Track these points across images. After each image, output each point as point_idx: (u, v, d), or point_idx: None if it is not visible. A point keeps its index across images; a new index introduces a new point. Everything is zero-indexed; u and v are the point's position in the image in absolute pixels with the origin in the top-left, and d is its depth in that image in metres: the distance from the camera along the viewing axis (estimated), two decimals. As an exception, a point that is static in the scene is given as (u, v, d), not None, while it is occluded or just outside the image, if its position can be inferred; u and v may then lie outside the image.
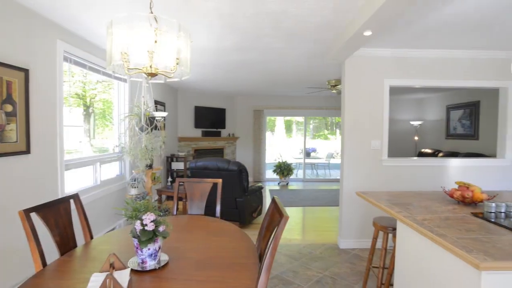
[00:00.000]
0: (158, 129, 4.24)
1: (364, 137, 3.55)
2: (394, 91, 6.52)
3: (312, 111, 8.47)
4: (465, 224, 1.56)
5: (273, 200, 1.69)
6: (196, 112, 7.47)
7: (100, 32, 3.05)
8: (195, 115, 7.46)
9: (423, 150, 6.95)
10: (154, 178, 4.55)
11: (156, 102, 5.40)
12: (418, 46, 3.38)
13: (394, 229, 2.15)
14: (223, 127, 8.07)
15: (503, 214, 1.74)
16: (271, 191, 7.12)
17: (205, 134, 7.60)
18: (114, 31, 1.41)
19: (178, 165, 6.23)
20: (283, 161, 8.23)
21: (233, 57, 3.97)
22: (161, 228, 1.39)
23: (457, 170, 3.63)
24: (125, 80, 4.16)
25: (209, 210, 2.61)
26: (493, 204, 1.73)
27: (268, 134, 12.42)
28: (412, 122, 7.68)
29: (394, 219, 2.05)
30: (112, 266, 1.22)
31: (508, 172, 3.65)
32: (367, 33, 2.61)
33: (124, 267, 1.26)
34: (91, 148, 3.80)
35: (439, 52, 3.51)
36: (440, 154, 6.04)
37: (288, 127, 14.74)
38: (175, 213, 2.54)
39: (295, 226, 4.46)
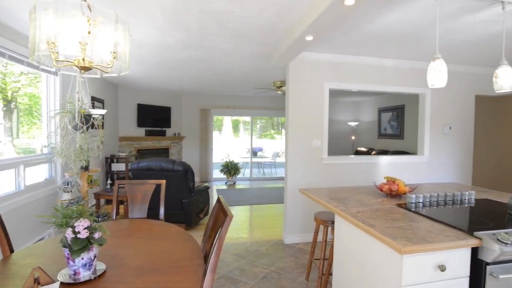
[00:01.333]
0: (96, 128, 3.91)
1: (306, 137, 3.74)
2: (334, 93, 7.00)
3: (258, 111, 8.63)
4: (391, 214, 1.75)
5: (218, 200, 1.68)
6: (139, 110, 7.06)
7: (23, 17, 2.69)
8: (138, 113, 7.04)
9: (359, 148, 7.59)
10: (91, 181, 4.18)
11: (94, 99, 4.97)
12: (353, 53, 3.67)
13: (333, 222, 2.31)
14: (169, 126, 7.78)
15: (421, 204, 1.99)
16: (218, 191, 7.08)
17: (149, 133, 7.23)
18: (38, 16, 1.26)
19: (118, 167, 5.81)
20: (230, 160, 8.25)
21: (179, 54, 3.85)
22: (96, 235, 1.28)
23: (387, 166, 4.04)
24: (55, 73, 3.74)
25: (153, 213, 2.49)
26: (414, 196, 1.98)
27: (215, 134, 12.31)
28: (349, 123, 8.34)
29: (333, 213, 2.20)
30: (37, 282, 1.10)
31: (426, 167, 4.19)
32: (309, 38, 2.76)
33: (52, 281, 1.14)
34: (14, 149, 3.34)
35: (371, 60, 3.87)
36: (373, 152, 6.66)
37: (236, 127, 14.82)
38: (114, 217, 2.37)
39: (242, 225, 4.51)
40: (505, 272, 1.42)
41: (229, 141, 13.92)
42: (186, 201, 4.03)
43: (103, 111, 4.08)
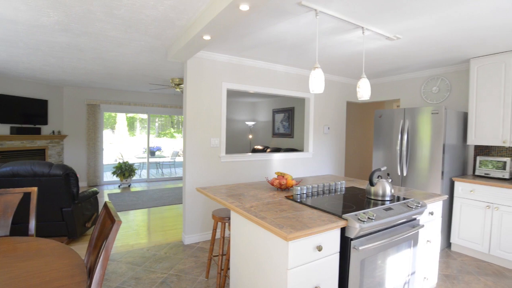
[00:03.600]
0: None
1: (204, 136, 3.75)
2: (233, 94, 7.26)
3: (156, 108, 8.17)
4: (280, 206, 1.94)
5: (105, 205, 1.53)
6: (2, 102, 5.68)
7: None
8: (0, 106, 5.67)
9: (256, 146, 8.09)
10: None
11: None
12: (250, 56, 3.89)
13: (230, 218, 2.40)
14: (45, 123, 6.54)
15: (305, 194, 2.27)
16: (110, 195, 6.38)
17: (17, 131, 5.89)
18: None
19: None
20: (125, 161, 7.55)
21: (58, 39, 3.28)
22: None
23: (279, 163, 4.44)
24: None
25: (19, 229, 2.05)
26: (299, 188, 2.24)
27: (107, 132, 11.02)
28: (247, 122, 8.78)
29: (230, 209, 2.28)
30: None
31: (311, 162, 4.80)
32: (206, 37, 2.77)
33: None
34: None
35: (265, 64, 4.18)
36: (268, 150, 7.21)
37: (132, 125, 13.60)
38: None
39: (139, 230, 4.20)
40: (363, 244, 1.77)
41: (124, 141, 12.69)
42: (67, 210, 3.49)
43: None
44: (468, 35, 2.89)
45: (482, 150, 3.88)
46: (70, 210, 3.50)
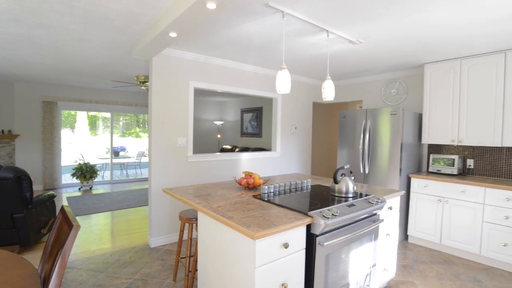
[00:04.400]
0: None
1: (171, 135, 3.67)
2: (201, 93, 7.16)
3: (121, 107, 7.82)
4: (248, 205, 1.95)
5: (62, 209, 1.44)
6: None
7: None
8: None
9: (224, 146, 8.05)
10: None
11: None
12: (218, 56, 3.86)
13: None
14: (-9, 121, 6.00)
15: (272, 193, 2.31)
16: (69, 198, 6.00)
17: (-44, 130, 5.35)
18: None
19: None
20: (86, 162, 7.15)
21: (8, 29, 3.02)
22: None
23: (248, 162, 4.46)
24: None
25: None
26: (266, 187, 2.27)
27: (66, 132, 10.39)
28: (215, 122, 8.71)
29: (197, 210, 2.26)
30: None
31: (278, 161, 4.87)
32: (173, 34, 2.71)
33: None
34: None
35: (234, 64, 4.17)
36: (237, 149, 7.21)
37: (93, 124, 12.88)
38: None
39: (102, 234, 4.00)
40: (328, 239, 1.83)
41: (85, 141, 11.98)
42: (19, 216, 3.23)
43: None
44: (422, 42, 3.11)
45: (434, 149, 4.20)
46: (23, 216, 3.24)
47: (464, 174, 3.86)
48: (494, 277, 2.96)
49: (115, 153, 9.67)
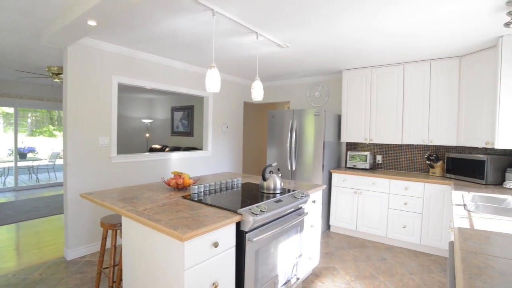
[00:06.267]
0: None
1: (91, 134, 3.33)
2: (126, 89, 6.66)
3: (28, 101, 6.76)
4: (177, 207, 1.90)
5: None
6: None
7: None
8: None
9: (153, 146, 7.65)
10: None
11: None
12: (146, 50, 3.64)
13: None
14: None
15: (202, 193, 2.29)
16: (-45, 211, 4.95)
17: None
18: None
19: None
20: (-20, 167, 5.99)
21: None
22: None
23: (178, 162, 4.32)
24: None
25: None
26: (196, 187, 2.24)
27: (-52, 130, 8.62)
28: (143, 120, 8.20)
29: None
30: None
31: (209, 160, 4.85)
32: (92, 22, 2.46)
33: None
34: None
35: (163, 60, 3.99)
36: (167, 149, 6.93)
37: (-10, 120, 10.83)
38: None
39: (3, 251, 3.41)
40: (257, 235, 1.90)
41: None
42: None
43: None
44: (340, 52, 3.45)
45: (351, 146, 4.70)
46: None
47: (374, 168, 4.42)
48: (396, 255, 3.47)
49: (21, 155, 8.35)
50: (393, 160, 4.31)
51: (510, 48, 2.72)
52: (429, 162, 3.79)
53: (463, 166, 3.40)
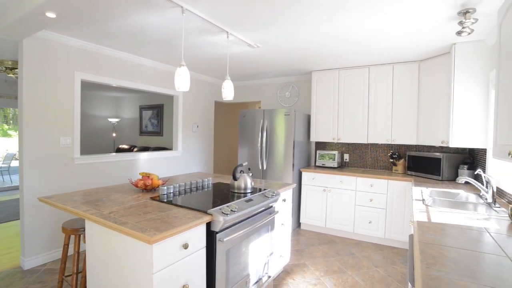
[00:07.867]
0: None
1: (51, 134, 3.13)
2: (91, 86, 6.32)
3: (-24, 98, 6.20)
4: (145, 208, 1.85)
5: None
6: None
7: None
8: None
9: (120, 146, 7.34)
10: None
11: None
12: (112, 46, 3.48)
13: (86, 228, 2.10)
14: None
15: (172, 194, 2.24)
16: None
17: None
18: None
19: None
20: None
21: None
22: None
23: (147, 162, 4.19)
24: None
25: None
26: (165, 188, 2.19)
27: None
28: (110, 119, 7.84)
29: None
30: None
31: (179, 160, 4.75)
32: (51, 14, 2.32)
33: None
34: None
35: (131, 57, 3.84)
36: (135, 149, 6.68)
37: None
38: None
39: None
40: (228, 235, 1.90)
41: None
42: None
43: None
44: (308, 53, 3.54)
45: (320, 146, 4.84)
46: None
47: (342, 166, 4.58)
48: (363, 249, 3.63)
49: (-31, 156, 7.64)
50: (359, 158, 4.50)
51: (462, 55, 2.96)
52: (392, 160, 4.01)
53: (423, 163, 3.63)
